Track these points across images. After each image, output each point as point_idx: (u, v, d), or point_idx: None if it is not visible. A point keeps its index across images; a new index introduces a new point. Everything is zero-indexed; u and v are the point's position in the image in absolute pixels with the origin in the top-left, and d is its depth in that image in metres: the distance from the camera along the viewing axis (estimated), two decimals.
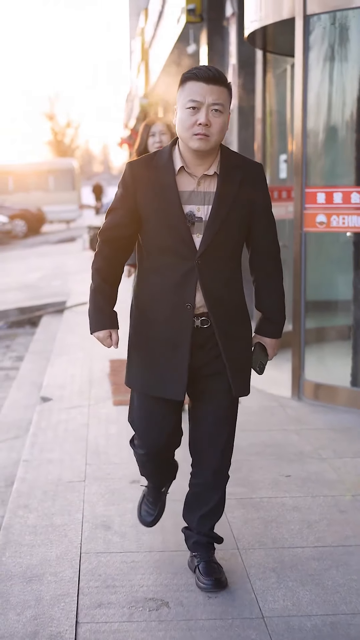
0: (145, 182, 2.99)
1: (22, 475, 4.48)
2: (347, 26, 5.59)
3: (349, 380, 5.74)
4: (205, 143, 2.89)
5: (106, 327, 3.11)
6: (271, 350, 3.23)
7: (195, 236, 2.97)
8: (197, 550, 3.27)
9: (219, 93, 2.89)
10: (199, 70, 2.91)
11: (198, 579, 3.19)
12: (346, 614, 2.97)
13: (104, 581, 3.24)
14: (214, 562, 3.23)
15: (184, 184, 2.99)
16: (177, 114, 2.96)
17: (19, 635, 2.87)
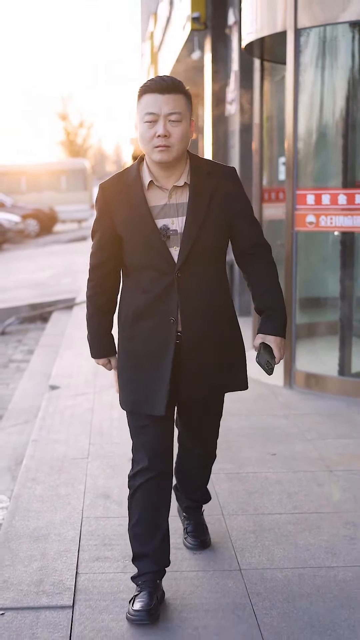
0: (117, 201, 2.97)
1: (31, 453, 4.90)
2: (335, 39, 5.98)
3: (337, 370, 6.13)
4: (167, 154, 2.88)
5: (103, 355, 3.20)
6: (277, 350, 3.11)
7: (173, 249, 2.95)
8: (188, 512, 3.61)
9: (175, 102, 2.85)
10: (152, 82, 2.88)
11: (186, 539, 3.55)
12: (313, 567, 3.37)
13: (102, 540, 3.65)
14: (201, 524, 3.60)
15: (155, 198, 2.96)
16: (138, 129, 2.93)
17: (26, 583, 3.28)
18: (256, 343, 3.14)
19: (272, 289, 3.13)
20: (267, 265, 3.13)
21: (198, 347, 3.03)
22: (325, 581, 3.26)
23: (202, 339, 3.04)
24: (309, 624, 2.95)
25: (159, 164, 2.92)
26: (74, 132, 62.98)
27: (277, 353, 3.10)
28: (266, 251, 3.14)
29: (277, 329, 3.11)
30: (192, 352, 3.03)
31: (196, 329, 3.01)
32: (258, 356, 3.11)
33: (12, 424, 6.02)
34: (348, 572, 3.33)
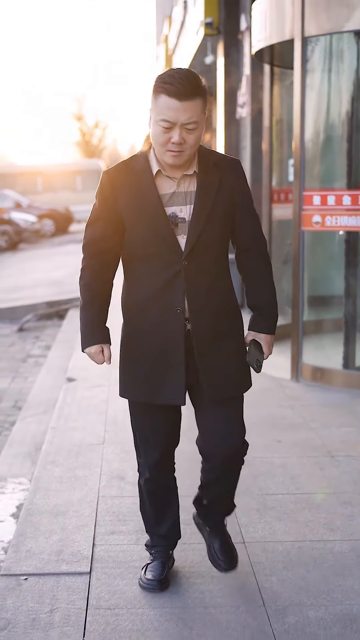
0: (124, 188, 2.94)
1: (50, 439, 5.20)
2: (340, 47, 6.25)
3: (341, 364, 6.40)
4: (180, 158, 2.86)
5: (97, 342, 3.05)
6: (266, 347, 3.14)
7: (180, 237, 2.93)
8: (212, 527, 3.32)
9: (193, 110, 2.78)
10: (170, 85, 2.75)
11: (213, 556, 3.26)
12: (312, 541, 3.65)
13: (116, 516, 3.94)
14: (229, 542, 3.32)
15: (164, 186, 2.94)
16: (151, 125, 2.87)
17: (47, 552, 3.58)
18: (247, 340, 3.15)
19: (266, 286, 3.13)
20: (263, 262, 3.13)
21: (208, 337, 2.99)
22: (322, 552, 3.54)
23: (211, 329, 2.99)
24: (305, 589, 3.23)
25: (170, 165, 2.91)
26: (90, 133, 63.29)
27: (267, 350, 3.13)
28: (262, 247, 3.14)
29: (268, 327, 3.13)
30: (204, 343, 2.98)
31: (204, 319, 2.97)
32: (248, 355, 3.11)
33: (32, 414, 6.31)
34: (344, 544, 3.61)
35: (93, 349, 3.06)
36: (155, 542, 3.36)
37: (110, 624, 3.00)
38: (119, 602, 3.15)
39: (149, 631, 2.94)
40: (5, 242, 23.51)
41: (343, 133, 6.40)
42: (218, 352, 3.02)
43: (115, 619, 3.03)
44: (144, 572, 3.28)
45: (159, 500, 3.30)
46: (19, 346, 9.66)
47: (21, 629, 2.98)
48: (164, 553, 3.32)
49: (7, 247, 23.49)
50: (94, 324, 3.06)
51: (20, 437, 5.69)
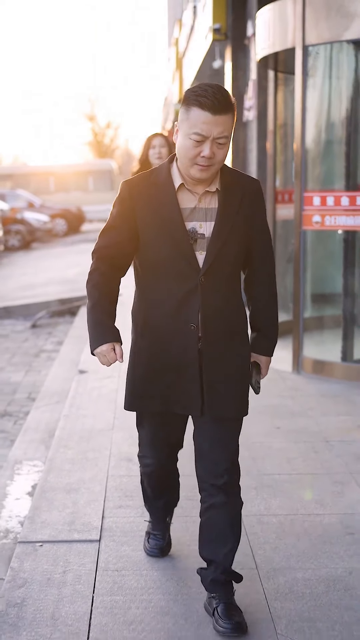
0: (144, 199, 2.93)
1: (63, 425, 5.54)
2: (339, 55, 6.56)
3: (340, 357, 6.71)
4: (207, 173, 2.86)
5: (108, 340, 2.95)
6: (264, 369, 3.18)
7: (198, 253, 2.91)
8: (216, 591, 3.07)
9: (225, 124, 2.79)
10: (205, 99, 2.75)
11: (217, 622, 2.98)
12: (303, 514, 3.97)
13: (124, 493, 4.27)
14: (233, 604, 3.03)
15: (185, 200, 2.93)
16: (180, 137, 2.86)
17: (61, 523, 3.91)
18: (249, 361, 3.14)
19: (269, 309, 3.15)
20: (268, 284, 3.14)
21: (218, 357, 2.98)
22: (312, 525, 3.86)
23: (223, 349, 2.99)
24: (295, 555, 3.55)
25: (197, 180, 2.90)
26: (101, 133, 63.66)
27: (264, 371, 3.17)
28: (270, 268, 3.14)
29: (268, 349, 3.16)
30: (213, 361, 2.98)
31: (216, 337, 2.97)
32: (250, 376, 3.12)
33: (45, 403, 6.65)
34: (332, 518, 3.93)
35: (104, 347, 2.94)
36: (153, 513, 3.60)
37: (117, 582, 3.33)
38: (125, 565, 3.48)
39: (152, 589, 3.27)
40: (18, 241, 23.89)
41: (342, 137, 6.71)
42: (225, 372, 2.99)
43: (122, 579, 3.36)
44: (147, 540, 3.61)
45: (158, 484, 3.46)
46: (32, 342, 10.00)
47: (37, 586, 3.31)
48: (162, 523, 3.61)
49: (20, 246, 23.88)
50: (103, 324, 2.98)
51: (34, 425, 6.02)
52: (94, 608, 3.14)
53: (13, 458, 5.24)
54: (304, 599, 3.18)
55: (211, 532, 3.08)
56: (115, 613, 3.10)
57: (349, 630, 2.96)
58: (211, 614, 3.03)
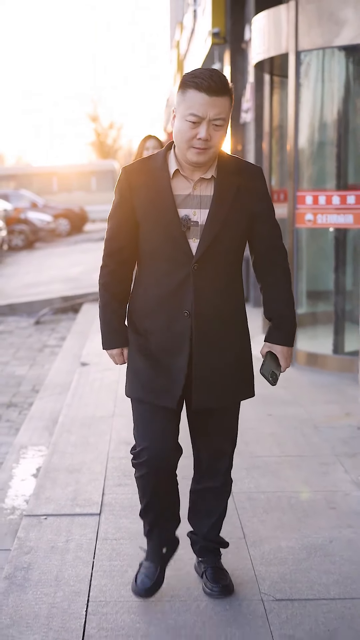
0: (140, 186, 2.92)
1: (66, 413, 5.83)
2: (331, 60, 6.84)
3: (332, 350, 6.99)
4: (204, 156, 2.82)
5: (117, 345, 3.06)
6: (283, 360, 3.07)
7: (192, 241, 2.89)
8: (204, 556, 3.30)
9: (221, 106, 2.77)
10: (201, 81, 2.75)
11: (205, 584, 3.22)
12: (289, 492, 4.26)
13: (123, 473, 4.55)
14: (220, 568, 3.27)
15: (179, 187, 2.90)
16: (176, 121, 2.85)
17: (64, 499, 4.20)
18: (263, 351, 3.09)
19: (283, 297, 3.05)
20: (281, 273, 3.06)
21: (211, 345, 2.96)
22: (297, 501, 4.14)
23: (216, 337, 2.96)
24: (280, 527, 3.83)
25: (194, 163, 2.87)
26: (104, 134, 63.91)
27: (284, 362, 3.07)
28: (282, 257, 3.07)
29: (284, 338, 3.05)
30: (205, 349, 2.95)
31: (209, 324, 2.94)
32: (262, 367, 3.03)
33: (49, 394, 6.94)
34: (317, 495, 4.21)
35: (114, 351, 3.08)
36: (153, 539, 3.24)
37: (116, 549, 3.62)
38: (123, 535, 3.76)
39: None
40: (21, 241, 24.19)
41: (333, 138, 6.99)
42: (215, 362, 2.97)
43: (120, 547, 3.65)
44: (136, 575, 3.23)
45: (155, 490, 3.14)
46: (35, 337, 10.29)
47: (42, 553, 3.60)
48: (157, 555, 3.23)
49: (24, 245, 24.18)
50: (113, 326, 3.06)
51: (38, 414, 6.31)
52: (94, 572, 3.42)
53: (18, 444, 5.53)
54: (286, 564, 3.46)
55: (202, 508, 3.28)
56: (114, 576, 3.39)
57: (327, 590, 3.24)
58: (200, 575, 3.29)
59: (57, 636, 2.94)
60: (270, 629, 2.97)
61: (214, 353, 2.97)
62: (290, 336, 3.07)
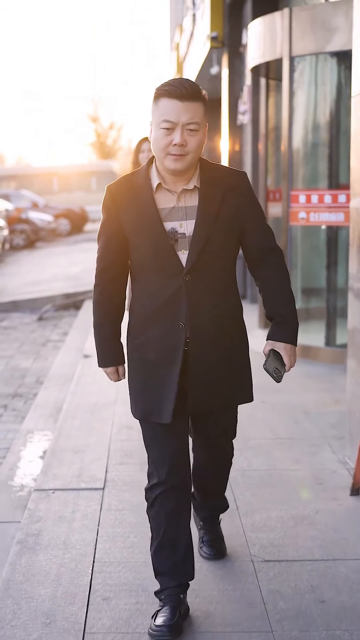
0: (125, 202, 2.93)
1: (69, 400, 6.14)
2: (323, 65, 7.16)
3: (324, 342, 7.31)
4: (182, 163, 2.82)
5: (111, 364, 3.09)
6: (287, 357, 3.00)
7: (181, 253, 2.89)
8: (204, 521, 3.56)
9: (194, 111, 2.78)
10: (172, 87, 2.78)
11: (201, 547, 3.52)
12: (280, 469, 4.57)
13: (125, 453, 4.87)
14: (218, 534, 3.56)
15: (163, 200, 2.91)
16: (152, 132, 2.86)
17: (70, 476, 4.51)
18: (265, 350, 3.03)
19: (283, 296, 3.03)
20: (278, 272, 3.05)
21: (206, 355, 2.96)
22: (288, 477, 4.45)
23: (210, 347, 2.96)
24: (271, 500, 4.14)
25: (172, 171, 2.88)
26: (104, 134, 64.14)
27: (288, 361, 3.01)
28: (277, 257, 3.06)
29: (287, 336, 3.01)
30: (200, 359, 2.95)
31: (204, 335, 2.94)
32: (266, 363, 2.99)
33: (53, 384, 7.25)
34: (306, 471, 4.52)
35: (109, 370, 3.12)
36: (165, 583, 3.07)
37: (119, 519, 3.93)
38: (125, 506, 4.07)
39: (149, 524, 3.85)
40: (23, 240, 24.51)
41: (325, 140, 7.31)
42: (210, 369, 2.98)
43: (122, 516, 3.96)
44: (153, 620, 2.98)
45: (169, 517, 3.05)
46: (39, 333, 10.60)
47: (51, 522, 3.91)
48: (175, 597, 3.03)
49: (25, 245, 24.50)
50: (106, 345, 3.08)
51: (43, 402, 6.62)
52: (98, 537, 3.73)
53: (25, 429, 5.83)
54: (275, 531, 3.77)
55: (203, 486, 3.45)
56: (117, 540, 3.70)
57: (311, 553, 3.55)
58: (199, 539, 3.57)
59: (66, 590, 3.25)
60: (259, 585, 3.28)
61: (209, 361, 2.97)
62: (293, 334, 3.04)
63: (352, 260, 4.54)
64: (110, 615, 3.07)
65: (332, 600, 3.16)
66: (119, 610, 3.11)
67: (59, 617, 3.06)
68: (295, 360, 3.04)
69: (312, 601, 3.15)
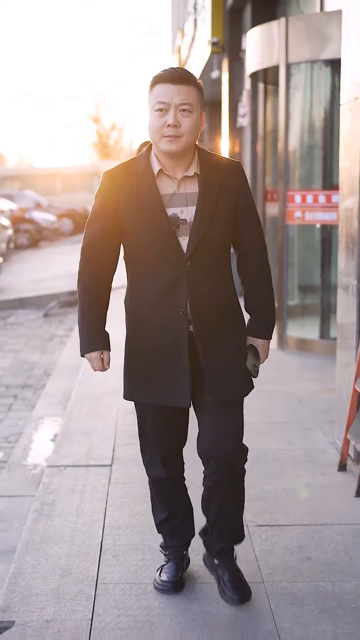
0: (125, 189, 2.93)
1: (77, 389, 6.52)
2: (318, 72, 7.53)
3: (318, 335, 7.68)
4: (176, 144, 2.85)
5: (97, 348, 3.06)
6: (262, 352, 3.12)
7: (182, 239, 2.91)
8: (220, 558, 3.24)
9: (187, 92, 2.82)
10: (165, 72, 2.85)
11: (224, 591, 3.16)
12: (274, 449, 4.94)
13: (130, 434, 5.23)
14: (237, 570, 3.22)
15: (164, 186, 2.93)
16: (148, 117, 2.90)
17: (79, 454, 4.89)
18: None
19: (262, 291, 3.10)
20: (261, 268, 3.10)
21: (212, 339, 2.99)
22: (281, 456, 4.83)
23: (214, 331, 2.99)
24: (265, 475, 4.52)
25: (167, 154, 2.90)
26: (106, 135, 64.46)
27: (263, 355, 3.13)
28: (262, 254, 3.10)
29: (263, 332, 3.11)
30: (209, 344, 2.98)
31: (207, 320, 2.97)
32: (246, 361, 3.07)
33: (61, 375, 7.62)
34: (298, 452, 4.90)
35: (93, 355, 3.08)
36: (168, 541, 3.31)
37: (126, 490, 4.31)
38: (132, 480, 4.45)
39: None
40: (27, 239, 24.89)
41: (319, 142, 7.68)
42: (222, 354, 3.00)
43: (130, 488, 4.33)
44: (158, 574, 3.27)
45: (168, 496, 3.28)
46: (45, 328, 10.97)
47: (64, 493, 4.29)
48: (178, 554, 3.29)
49: (29, 244, 24.88)
50: (93, 330, 3.07)
51: (52, 392, 6.99)
52: (107, 506, 4.11)
53: (36, 415, 6.21)
54: (268, 501, 4.15)
55: (214, 506, 3.19)
56: (124, 509, 4.07)
57: (301, 519, 3.92)
58: (217, 581, 3.22)
59: (79, 549, 3.63)
60: (253, 546, 3.65)
61: (217, 347, 2.99)
62: (269, 329, 3.14)
63: (341, 257, 4.90)
64: (120, 570, 3.45)
65: (317, 557, 3.53)
66: (127, 565, 3.48)
67: (74, 571, 3.43)
68: (268, 354, 3.16)
69: (299, 559, 3.52)
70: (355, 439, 4.37)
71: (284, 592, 3.25)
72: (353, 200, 4.60)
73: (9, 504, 4.49)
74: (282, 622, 3.03)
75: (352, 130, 4.59)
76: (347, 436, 4.49)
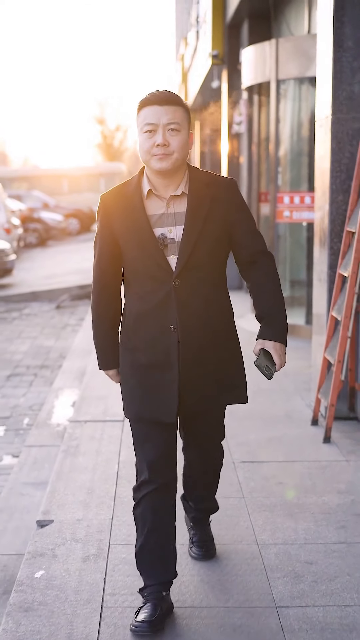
0: (117, 211, 3.01)
1: (91, 369, 7.47)
2: (304, 87, 8.49)
3: (304, 321, 8.64)
4: (167, 162, 2.91)
5: (111, 367, 3.20)
6: (276, 356, 3.08)
7: (171, 258, 2.96)
8: (194, 522, 3.60)
9: (174, 112, 2.90)
10: (151, 95, 2.93)
11: (191, 548, 3.58)
12: (261, 409, 5.89)
13: None
14: (207, 535, 3.61)
15: (153, 207, 2.99)
16: (138, 141, 2.96)
17: (96, 413, 5.86)
18: (256, 349, 3.11)
19: (272, 296, 3.09)
20: (268, 275, 3.10)
21: (196, 357, 3.04)
22: (264, 414, 5.78)
23: (201, 349, 3.04)
24: (251, 428, 5.47)
25: (158, 172, 2.95)
26: (111, 136, 65.22)
27: (277, 360, 3.09)
28: (267, 260, 3.12)
29: (275, 335, 3.08)
30: (190, 361, 3.03)
31: (196, 338, 3.02)
32: (257, 360, 3.08)
33: (75, 356, 8.57)
34: (280, 411, 5.86)
35: (110, 373, 3.24)
36: (148, 580, 3.14)
37: None
38: None
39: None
40: (35, 238, 25.87)
41: (305, 150, 8.64)
42: (201, 371, 3.06)
43: None
44: (135, 617, 3.05)
45: (154, 517, 3.12)
46: (58, 319, 11.94)
47: (85, 439, 5.26)
48: (157, 594, 3.10)
49: (37, 243, 25.86)
50: (106, 348, 3.19)
51: (69, 369, 7.95)
52: (121, 449, 5.08)
53: (56, 387, 7.17)
54: (251, 445, 5.11)
55: (193, 487, 3.53)
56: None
57: (277, 457, 4.88)
58: (190, 539, 3.65)
59: (100, 476, 4.59)
60: (237, 475, 4.60)
61: (200, 362, 3.05)
62: (281, 332, 3.10)
63: (316, 249, 5.85)
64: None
65: (288, 482, 4.49)
66: None
67: (97, 490, 4.40)
68: (286, 360, 3.14)
69: (274, 483, 4.49)
70: (324, 398, 5.32)
71: (259, 503, 4.21)
72: (325, 202, 5.55)
73: (40, 452, 5.45)
74: (256, 521, 3.99)
75: (323, 144, 5.54)
76: (318, 396, 5.45)
